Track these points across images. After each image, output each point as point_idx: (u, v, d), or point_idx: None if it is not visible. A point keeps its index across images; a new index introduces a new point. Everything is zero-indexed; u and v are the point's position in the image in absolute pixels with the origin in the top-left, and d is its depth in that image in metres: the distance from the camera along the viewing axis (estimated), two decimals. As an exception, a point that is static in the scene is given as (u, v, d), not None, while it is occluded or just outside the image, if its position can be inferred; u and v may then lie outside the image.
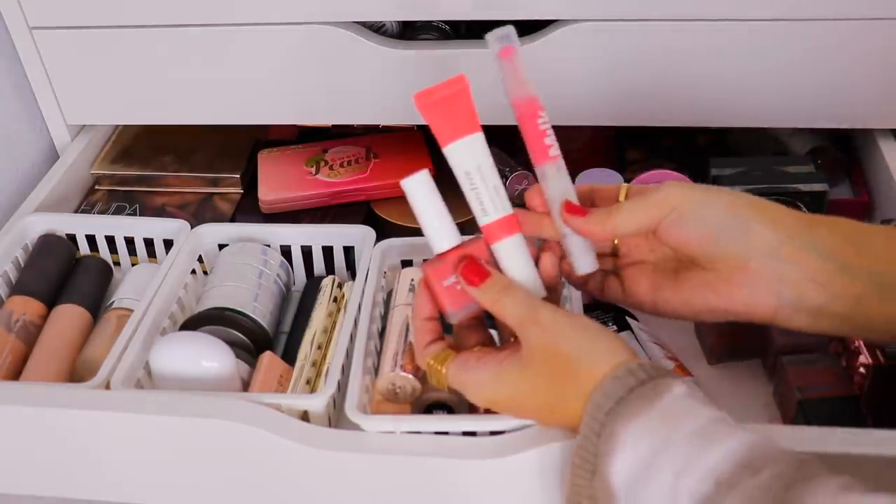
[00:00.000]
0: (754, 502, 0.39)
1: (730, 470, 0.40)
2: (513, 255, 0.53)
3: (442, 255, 0.53)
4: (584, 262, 0.54)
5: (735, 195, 0.51)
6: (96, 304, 0.75)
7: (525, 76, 0.53)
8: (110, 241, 0.80)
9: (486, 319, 0.56)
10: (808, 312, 0.49)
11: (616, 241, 0.57)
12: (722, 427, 0.43)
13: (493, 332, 0.58)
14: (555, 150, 0.53)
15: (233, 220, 0.85)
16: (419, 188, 0.53)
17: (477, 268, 0.52)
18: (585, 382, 0.47)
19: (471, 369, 0.52)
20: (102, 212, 0.87)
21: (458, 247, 0.54)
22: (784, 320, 0.50)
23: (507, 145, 0.83)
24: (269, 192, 0.85)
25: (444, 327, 0.56)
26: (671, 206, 0.50)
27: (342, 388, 0.63)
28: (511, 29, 0.53)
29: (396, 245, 0.72)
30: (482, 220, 0.53)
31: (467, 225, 0.56)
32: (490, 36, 0.53)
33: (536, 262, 0.54)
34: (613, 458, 0.45)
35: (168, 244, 0.77)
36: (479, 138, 0.52)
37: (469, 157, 0.52)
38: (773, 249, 0.49)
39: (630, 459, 0.44)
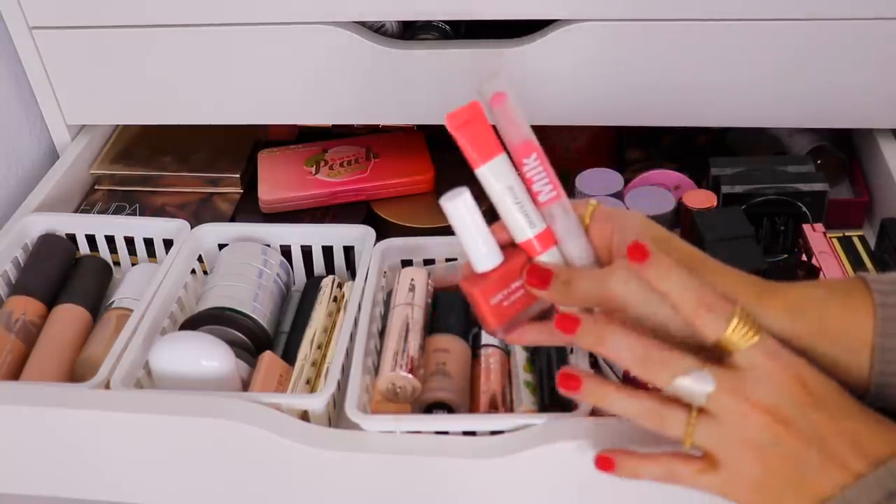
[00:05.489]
0: None
1: None
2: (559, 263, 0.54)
3: (486, 275, 0.53)
4: None
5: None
6: (96, 304, 0.75)
7: (507, 121, 0.52)
8: (110, 241, 0.80)
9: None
10: None
11: None
12: None
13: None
14: (545, 196, 0.53)
15: (233, 220, 0.85)
16: (460, 210, 0.52)
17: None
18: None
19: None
20: (102, 212, 0.87)
21: (501, 265, 0.53)
22: None
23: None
24: (269, 192, 0.85)
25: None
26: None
27: (342, 387, 0.63)
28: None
29: (396, 245, 0.72)
30: (529, 233, 0.52)
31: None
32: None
33: None
34: None
35: (168, 244, 0.77)
36: (507, 158, 0.52)
37: (509, 173, 0.52)
38: None
39: None
